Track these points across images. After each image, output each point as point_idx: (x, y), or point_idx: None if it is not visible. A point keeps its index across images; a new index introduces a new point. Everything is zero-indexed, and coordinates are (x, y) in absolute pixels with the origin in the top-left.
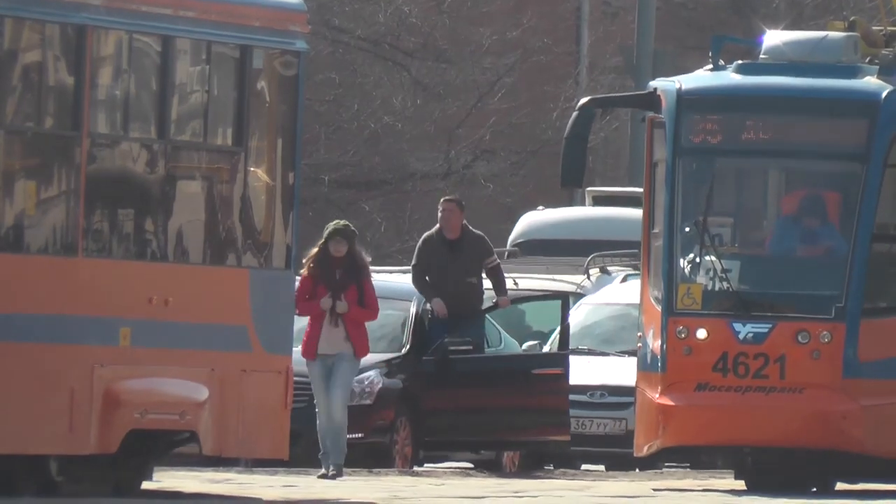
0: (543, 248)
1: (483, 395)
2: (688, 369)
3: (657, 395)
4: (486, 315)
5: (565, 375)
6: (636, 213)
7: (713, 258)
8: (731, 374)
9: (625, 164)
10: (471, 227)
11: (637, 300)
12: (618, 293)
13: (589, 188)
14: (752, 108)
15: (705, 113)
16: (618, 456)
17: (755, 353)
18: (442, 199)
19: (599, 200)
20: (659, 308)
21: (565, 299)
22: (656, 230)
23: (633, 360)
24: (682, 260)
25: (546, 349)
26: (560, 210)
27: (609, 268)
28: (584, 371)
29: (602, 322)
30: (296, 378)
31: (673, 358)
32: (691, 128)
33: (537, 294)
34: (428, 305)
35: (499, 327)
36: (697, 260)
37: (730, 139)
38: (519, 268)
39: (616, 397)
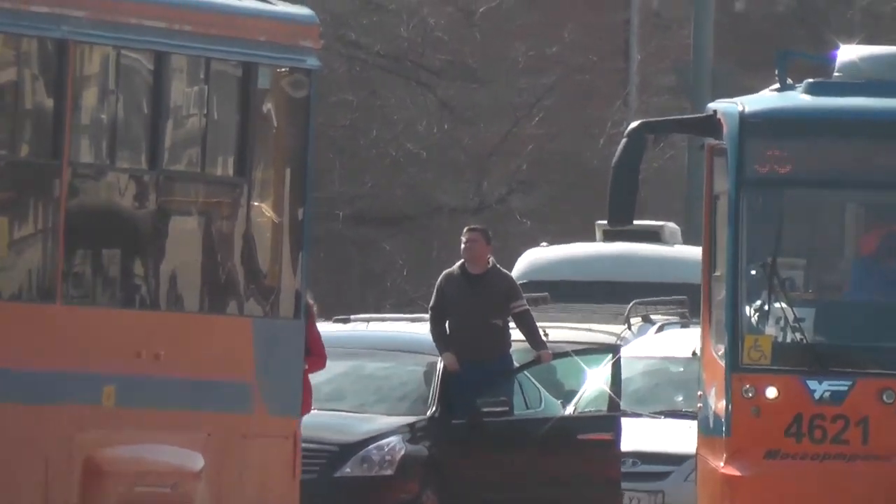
0: (548, 291)
1: (522, 463)
2: (756, 434)
3: (721, 464)
4: (525, 372)
5: (616, 441)
6: (652, 249)
7: (784, 305)
8: (805, 439)
9: (681, 198)
10: (499, 266)
11: (675, 353)
12: (652, 345)
13: (599, 221)
14: (827, 132)
15: (773, 139)
16: None
17: (833, 414)
18: (466, 229)
19: (610, 235)
20: (722, 363)
21: (616, 352)
22: (718, 273)
23: (670, 423)
24: (748, 308)
25: (570, 410)
26: (567, 247)
27: (652, 316)
28: None
29: (634, 378)
30: (304, 444)
31: (739, 420)
32: (757, 156)
33: (584, 347)
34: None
35: (538, 385)
36: (766, 308)
37: (801, 169)
38: (547, 316)
39: (651, 465)
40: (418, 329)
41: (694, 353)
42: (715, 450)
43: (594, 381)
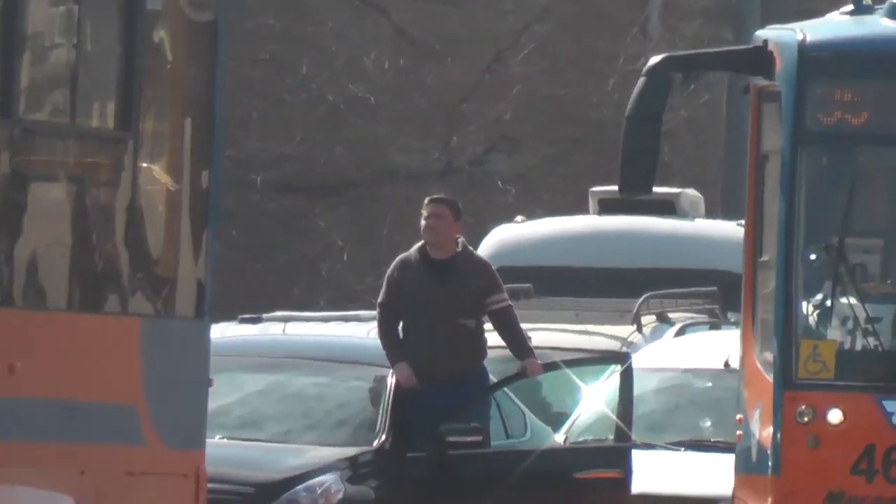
0: (522, 281)
1: None
2: (814, 471)
3: None
4: (504, 388)
5: (626, 481)
6: (667, 225)
7: (854, 301)
8: (880, 477)
9: (717, 158)
10: (471, 249)
11: (701, 363)
12: (670, 353)
13: (594, 188)
14: None
15: (843, 78)
16: None
17: None
18: (428, 200)
19: (609, 207)
20: (770, 377)
21: (624, 361)
22: (766, 258)
23: (694, 456)
24: (805, 304)
25: (560, 437)
26: (551, 222)
27: (671, 314)
28: None
29: (646, 397)
30: (211, 485)
31: (792, 454)
32: (822, 102)
33: (580, 357)
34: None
35: (523, 407)
36: (829, 304)
37: (881, 119)
38: (532, 314)
39: None
40: (359, 332)
41: (727, 365)
42: (758, 492)
43: (593, 402)
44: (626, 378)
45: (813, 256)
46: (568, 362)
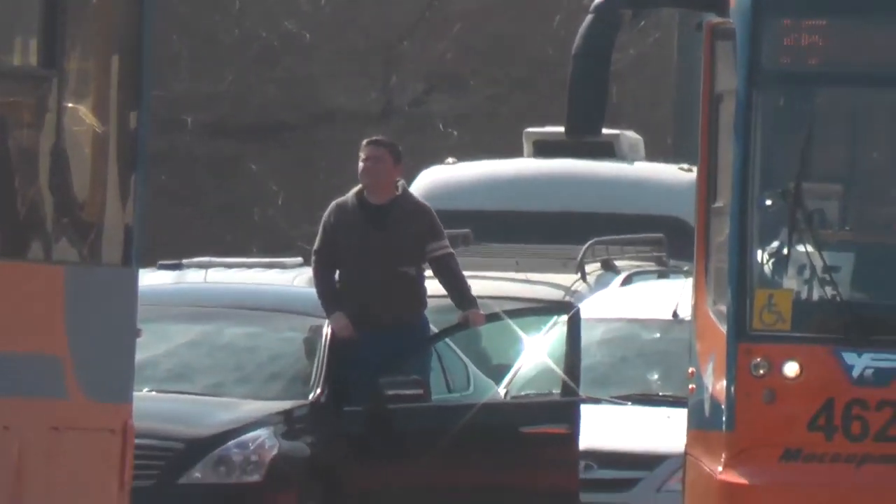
0: (455, 226)
1: (442, 467)
2: (770, 426)
3: (720, 468)
4: (446, 339)
5: (574, 436)
6: (609, 169)
7: (811, 249)
8: (839, 434)
9: (668, 100)
10: (411, 192)
11: (649, 313)
12: (616, 303)
13: (528, 129)
14: (884, 6)
15: (801, 15)
16: None
17: (878, 399)
18: (365, 142)
19: (544, 149)
20: (724, 328)
21: (570, 311)
22: (720, 203)
23: (640, 411)
24: (760, 252)
25: (501, 391)
26: (484, 164)
27: (617, 262)
28: None
29: (590, 349)
30: (138, 440)
31: (747, 409)
32: (779, 40)
33: (528, 307)
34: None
35: (466, 359)
36: (786, 252)
37: (842, 58)
38: (471, 261)
39: (612, 471)
40: (282, 280)
41: (675, 315)
42: (712, 449)
43: (535, 354)
44: (574, 329)
45: (769, 202)
46: (511, 312)
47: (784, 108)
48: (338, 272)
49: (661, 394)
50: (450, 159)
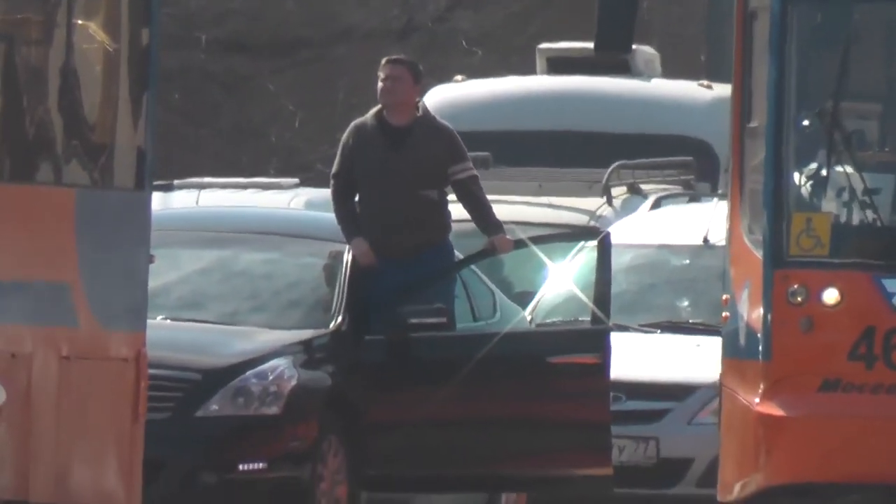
0: (468, 147)
1: (466, 399)
2: (808, 356)
3: (757, 400)
4: (472, 266)
5: (605, 366)
6: (617, 86)
7: (851, 171)
8: (879, 363)
9: (701, 14)
10: (432, 114)
11: (678, 238)
12: (645, 228)
13: (542, 45)
14: None
15: None
16: (642, 501)
17: None
18: (385, 61)
19: (558, 65)
20: (759, 254)
21: (605, 238)
22: (754, 124)
23: (670, 340)
24: (797, 174)
25: (528, 317)
26: (495, 82)
27: (643, 186)
28: None
29: (617, 276)
30: (152, 371)
31: (784, 338)
32: None
33: (556, 233)
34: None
35: (493, 286)
36: (824, 174)
37: None
38: (490, 185)
39: (641, 402)
40: (279, 201)
41: (706, 240)
42: (747, 379)
43: (561, 281)
44: (604, 256)
45: (806, 122)
46: (538, 239)
47: (820, 24)
48: (358, 196)
49: (691, 321)
50: (458, 77)
